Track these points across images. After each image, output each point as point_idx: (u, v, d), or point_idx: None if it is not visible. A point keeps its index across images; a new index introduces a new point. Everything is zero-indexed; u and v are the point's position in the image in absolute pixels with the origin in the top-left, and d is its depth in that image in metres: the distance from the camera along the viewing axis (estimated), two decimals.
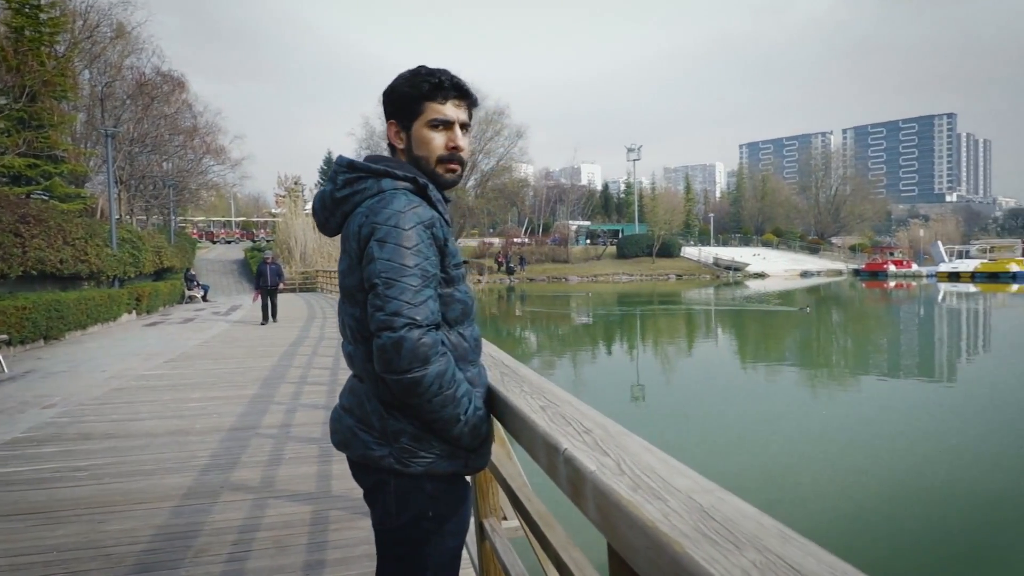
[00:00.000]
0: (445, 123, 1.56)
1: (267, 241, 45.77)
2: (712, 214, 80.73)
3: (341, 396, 1.65)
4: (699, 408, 11.08)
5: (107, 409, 6.60)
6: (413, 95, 1.55)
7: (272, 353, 10.50)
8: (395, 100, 1.58)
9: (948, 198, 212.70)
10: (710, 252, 62.03)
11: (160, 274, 25.24)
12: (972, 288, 42.28)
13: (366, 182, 1.50)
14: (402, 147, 1.60)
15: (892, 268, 55.03)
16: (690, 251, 62.41)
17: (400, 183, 1.49)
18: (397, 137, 1.60)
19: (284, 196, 50.77)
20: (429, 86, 1.54)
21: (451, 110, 1.56)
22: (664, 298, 37.00)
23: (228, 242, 61.59)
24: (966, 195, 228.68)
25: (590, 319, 27.86)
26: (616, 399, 11.86)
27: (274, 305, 16.05)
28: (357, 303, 1.49)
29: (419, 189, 1.50)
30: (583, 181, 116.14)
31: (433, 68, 1.57)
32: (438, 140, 1.56)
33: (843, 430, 9.42)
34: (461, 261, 1.56)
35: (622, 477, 0.96)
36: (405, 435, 1.47)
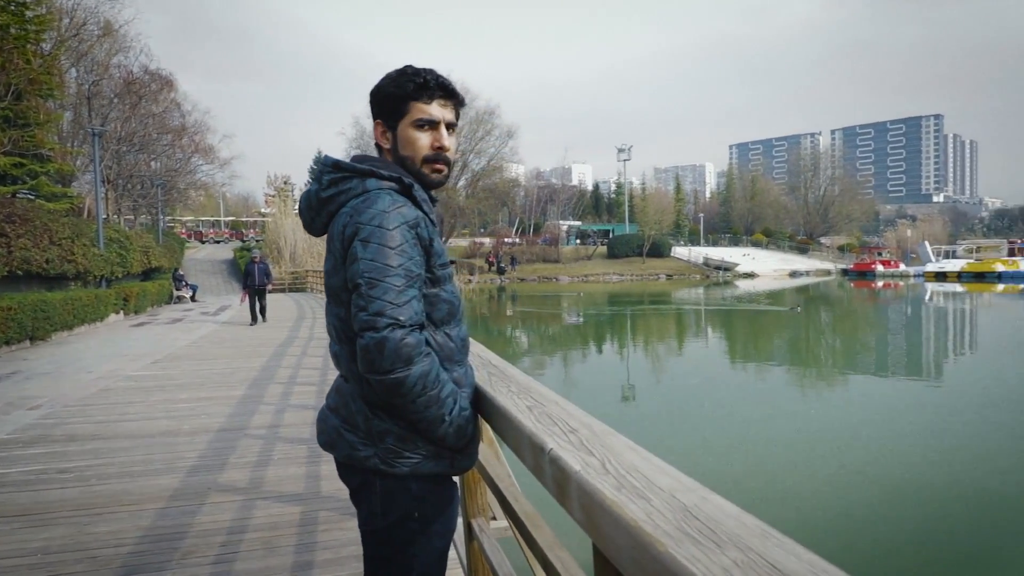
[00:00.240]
0: (431, 123, 1.55)
1: (256, 241, 45.49)
2: (702, 214, 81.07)
3: (328, 396, 1.65)
4: (691, 408, 11.12)
5: (94, 410, 6.54)
6: (399, 95, 1.54)
7: (261, 353, 10.45)
8: (381, 100, 1.58)
9: (935, 198, 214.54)
10: (700, 252, 62.30)
11: (148, 274, 25.07)
12: (959, 288, 42.66)
13: (351, 182, 1.50)
14: (388, 147, 1.59)
15: (880, 268, 55.51)
16: (680, 251, 62.66)
17: (385, 183, 1.48)
18: (383, 137, 1.60)
19: (274, 196, 50.62)
20: (414, 86, 1.53)
21: (437, 110, 1.56)
22: (654, 298, 37.11)
23: (217, 242, 61.23)
24: (953, 196, 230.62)
25: (581, 319, 27.89)
26: (606, 399, 11.88)
27: (263, 305, 15.87)
28: (342, 303, 1.48)
29: (404, 189, 1.49)
30: (574, 181, 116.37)
31: (419, 68, 1.57)
32: (424, 140, 1.56)
33: (835, 429, 9.48)
34: (447, 261, 1.56)
35: (607, 477, 0.95)
36: (390, 435, 1.47)
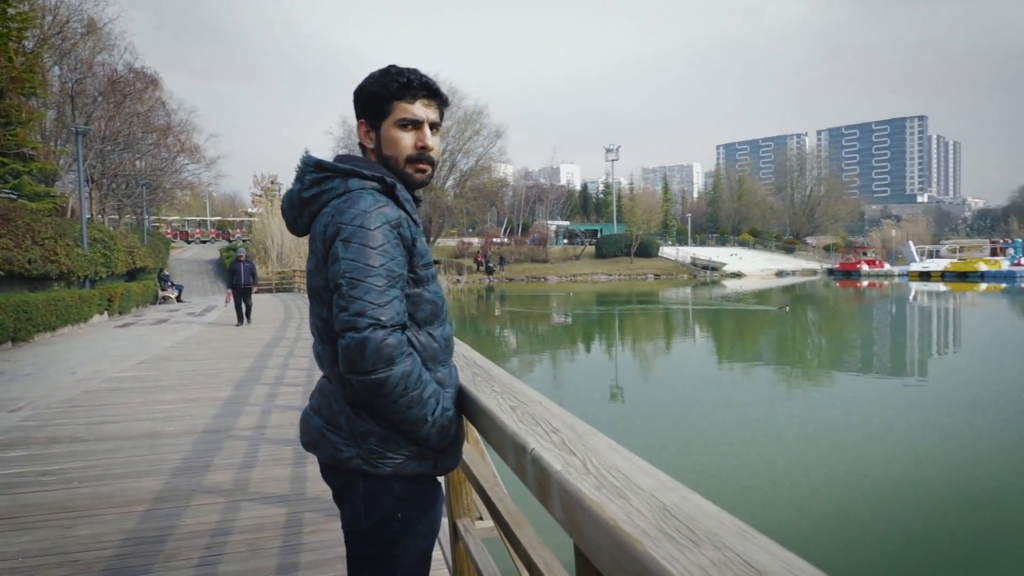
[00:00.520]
0: (414, 122, 1.55)
1: (243, 241, 45.09)
2: (689, 214, 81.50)
3: (311, 397, 1.65)
4: (679, 407, 11.15)
5: (77, 412, 6.46)
6: (382, 94, 1.54)
7: (247, 354, 10.38)
8: (364, 99, 1.57)
9: (919, 199, 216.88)
10: (688, 252, 62.61)
11: (133, 274, 24.83)
12: (942, 287, 43.15)
13: (333, 182, 1.49)
14: (372, 147, 1.59)
15: (865, 268, 56.13)
16: (668, 251, 62.91)
17: (367, 183, 1.47)
18: (367, 137, 1.59)
19: (261, 195, 50.29)
20: (398, 85, 1.53)
21: (420, 109, 1.55)
22: (642, 298, 37.24)
23: (203, 242, 60.64)
24: (936, 196, 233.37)
25: (569, 319, 27.93)
26: (594, 399, 11.90)
27: (248, 305, 15.55)
28: (324, 303, 1.47)
29: (387, 189, 1.48)
30: (562, 181, 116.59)
31: (403, 67, 1.56)
32: (407, 140, 1.55)
33: (823, 428, 9.54)
34: (431, 261, 1.55)
35: (587, 476, 0.95)
36: (373, 436, 1.46)
